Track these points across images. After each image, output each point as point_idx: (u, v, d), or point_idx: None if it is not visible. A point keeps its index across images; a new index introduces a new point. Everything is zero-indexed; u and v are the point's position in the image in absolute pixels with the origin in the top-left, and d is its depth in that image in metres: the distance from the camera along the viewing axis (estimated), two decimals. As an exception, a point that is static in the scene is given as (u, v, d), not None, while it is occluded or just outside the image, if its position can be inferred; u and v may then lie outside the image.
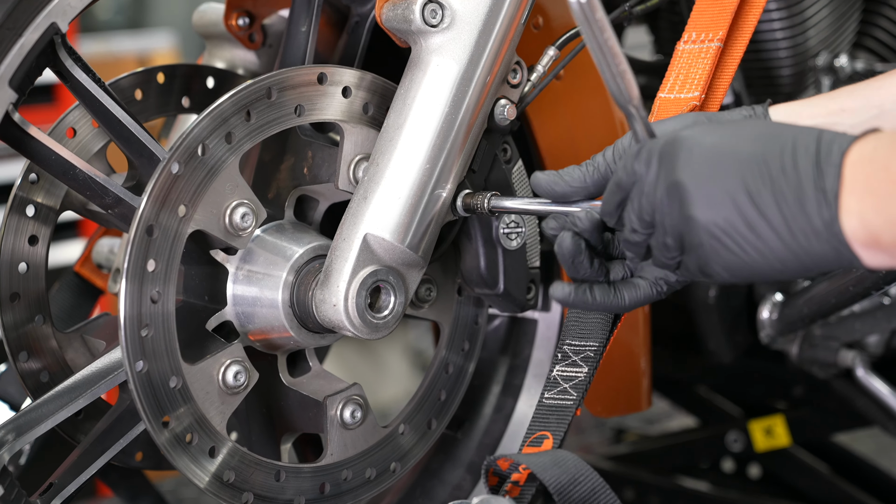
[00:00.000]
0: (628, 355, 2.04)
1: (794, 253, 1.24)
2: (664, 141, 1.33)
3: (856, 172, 1.20)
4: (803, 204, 1.22)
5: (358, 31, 1.82)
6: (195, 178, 1.55)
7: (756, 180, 1.24)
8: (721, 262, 1.29)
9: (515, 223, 1.76)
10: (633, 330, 2.03)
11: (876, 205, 1.18)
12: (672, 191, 1.30)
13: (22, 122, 1.53)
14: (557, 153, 1.92)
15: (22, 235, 1.75)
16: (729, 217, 1.26)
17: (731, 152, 1.27)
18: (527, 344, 2.02)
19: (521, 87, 1.72)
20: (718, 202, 1.26)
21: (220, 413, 1.60)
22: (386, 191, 1.61)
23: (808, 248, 1.23)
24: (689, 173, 1.28)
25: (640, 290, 1.49)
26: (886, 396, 2.40)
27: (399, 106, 1.64)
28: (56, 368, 1.77)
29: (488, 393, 2.02)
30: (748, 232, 1.25)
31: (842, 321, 2.32)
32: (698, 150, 1.29)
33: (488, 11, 1.64)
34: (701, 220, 1.27)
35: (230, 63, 2.02)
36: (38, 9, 1.48)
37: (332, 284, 1.59)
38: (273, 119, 1.61)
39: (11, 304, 1.73)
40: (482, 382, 2.02)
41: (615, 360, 1.99)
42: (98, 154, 1.79)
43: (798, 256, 1.24)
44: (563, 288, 1.49)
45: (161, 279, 1.53)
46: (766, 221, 1.24)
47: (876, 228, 1.18)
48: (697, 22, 1.72)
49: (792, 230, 1.23)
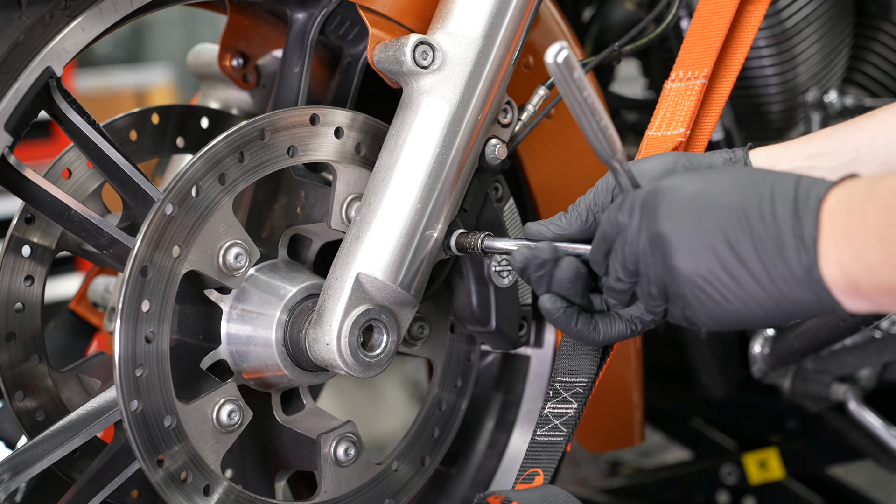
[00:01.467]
0: (621, 390, 2.05)
1: (776, 300, 1.25)
2: (646, 192, 1.34)
3: (833, 219, 1.21)
4: (783, 251, 1.23)
5: (350, 72, 1.84)
6: (189, 219, 1.56)
7: (736, 229, 1.26)
8: (705, 312, 1.31)
9: (507, 261, 1.77)
10: (626, 364, 2.04)
11: (853, 252, 1.19)
12: (654, 241, 1.32)
13: (17, 165, 1.54)
14: (548, 191, 1.94)
15: (18, 275, 1.76)
16: (710, 266, 1.27)
17: (711, 202, 1.28)
18: (520, 380, 2.03)
19: (512, 127, 1.74)
20: (700, 252, 1.28)
21: (214, 451, 1.61)
22: (378, 230, 1.62)
23: (789, 295, 1.24)
24: (670, 224, 1.30)
25: (615, 326, 1.51)
26: (879, 429, 2.41)
27: (391, 146, 1.65)
28: (52, 407, 1.78)
29: (482, 428, 2.04)
30: (730, 281, 1.27)
31: (833, 355, 2.34)
32: (678, 201, 1.30)
33: (479, 52, 1.66)
34: (683, 271, 1.29)
35: (224, 103, 2.04)
36: (33, 53, 1.49)
37: (325, 323, 1.61)
38: (266, 160, 1.62)
39: (7, 343, 1.74)
40: (476, 418, 2.03)
41: (608, 395, 2.01)
42: (93, 194, 1.81)
43: (779, 303, 1.25)
44: (555, 302, 1.50)
45: (155, 319, 1.54)
46: (746, 270, 1.26)
47: (854, 275, 1.20)
48: (685, 60, 1.74)
49: (772, 277, 1.24)
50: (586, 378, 1.60)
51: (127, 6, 1.57)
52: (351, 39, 1.81)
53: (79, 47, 1.54)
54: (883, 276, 1.18)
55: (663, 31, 1.85)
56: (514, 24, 1.68)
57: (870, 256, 1.18)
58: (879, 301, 1.21)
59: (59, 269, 1.86)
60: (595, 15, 2.57)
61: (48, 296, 1.80)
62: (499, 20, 1.67)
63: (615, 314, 1.51)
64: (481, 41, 1.66)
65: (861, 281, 1.20)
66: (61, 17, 1.51)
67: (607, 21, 2.51)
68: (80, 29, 1.53)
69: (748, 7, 1.78)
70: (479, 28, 1.66)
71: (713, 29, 1.73)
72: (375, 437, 4.26)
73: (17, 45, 1.47)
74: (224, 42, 1.94)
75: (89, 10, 1.53)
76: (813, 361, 2.36)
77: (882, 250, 1.17)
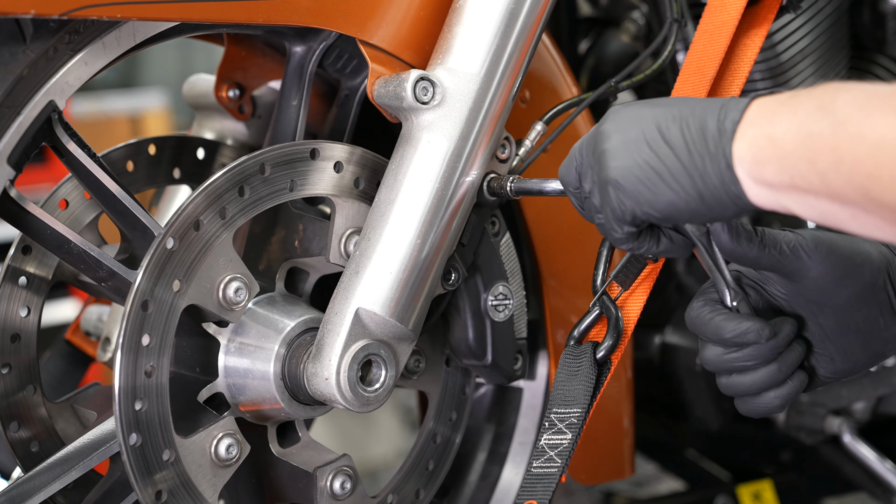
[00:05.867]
0: (611, 423, 2.06)
1: (694, 182, 1.31)
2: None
3: (762, 108, 1.28)
4: (704, 131, 1.30)
5: (348, 105, 1.84)
6: (190, 253, 1.56)
7: (668, 120, 1.34)
8: (640, 197, 1.36)
9: (504, 296, 1.78)
10: (617, 397, 2.05)
11: (771, 133, 1.25)
12: (595, 139, 1.41)
13: (19, 198, 1.54)
14: (544, 224, 1.94)
15: (14, 305, 1.76)
16: (643, 151, 1.35)
17: (649, 109, 1.38)
18: (512, 412, 2.03)
19: (510, 162, 1.75)
20: (632, 135, 1.37)
21: (212, 486, 1.61)
22: (377, 265, 1.63)
23: (702, 172, 1.30)
24: (612, 124, 1.39)
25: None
26: (873, 462, 2.42)
27: (390, 181, 1.66)
28: (46, 438, 1.78)
29: (474, 460, 2.04)
30: (659, 163, 1.34)
31: (828, 388, 2.34)
32: (620, 113, 1.40)
33: (478, 89, 1.66)
34: (620, 158, 1.37)
35: (220, 134, 2.04)
36: (36, 87, 1.50)
37: (325, 358, 1.61)
38: (266, 194, 1.63)
39: (2, 374, 1.74)
40: (468, 450, 2.03)
41: (598, 427, 2.01)
42: (90, 225, 1.81)
43: (694, 181, 1.31)
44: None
45: (155, 353, 1.54)
46: (672, 150, 1.33)
47: (763, 155, 1.25)
48: (680, 93, 1.75)
49: (692, 153, 1.31)
50: (580, 408, 1.61)
51: (130, 40, 1.57)
52: (349, 73, 1.82)
53: (81, 81, 1.54)
54: (791, 164, 1.22)
55: (660, 66, 1.86)
56: (513, 59, 1.69)
57: (786, 142, 1.22)
58: (778, 193, 1.26)
59: (52, 294, 1.85)
60: (591, 47, 2.59)
61: (43, 321, 1.80)
62: (498, 56, 1.68)
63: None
64: (481, 77, 1.67)
65: (768, 163, 1.24)
66: (65, 50, 1.51)
67: (603, 53, 2.53)
68: (84, 63, 1.54)
69: (744, 40, 1.79)
70: (478, 64, 1.67)
71: (708, 61, 1.74)
72: (368, 464, 4.25)
73: (21, 79, 1.47)
74: (221, 73, 1.95)
75: (93, 43, 1.54)
76: (808, 394, 2.36)
77: (799, 139, 1.21)
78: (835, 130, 1.19)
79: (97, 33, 1.54)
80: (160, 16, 1.52)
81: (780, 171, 1.23)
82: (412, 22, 1.72)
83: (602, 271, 1.63)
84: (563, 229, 1.94)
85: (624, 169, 1.36)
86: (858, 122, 1.17)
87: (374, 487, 1.81)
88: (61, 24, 1.50)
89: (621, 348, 1.63)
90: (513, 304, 1.79)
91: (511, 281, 1.81)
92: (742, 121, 1.28)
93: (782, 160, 1.23)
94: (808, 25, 2.14)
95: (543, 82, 1.93)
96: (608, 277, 1.63)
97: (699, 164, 1.30)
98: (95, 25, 1.53)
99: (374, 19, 1.69)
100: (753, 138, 1.26)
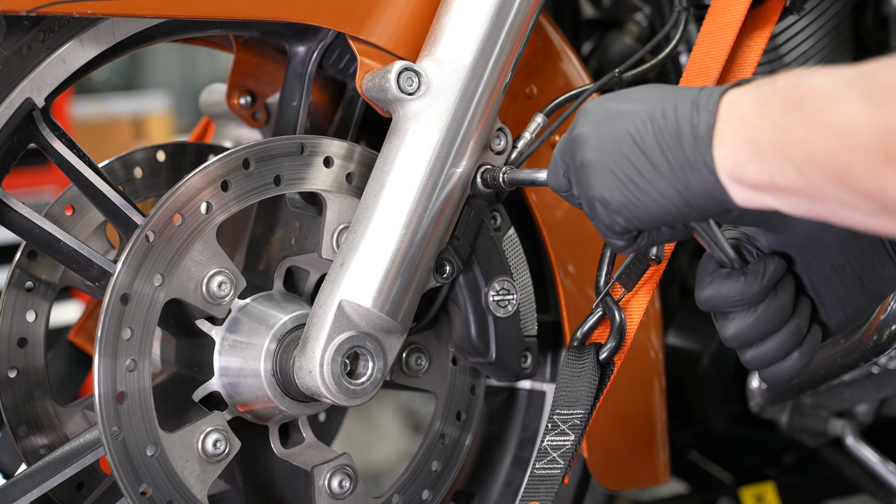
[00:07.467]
0: (644, 425, 2.01)
1: (677, 189, 1.29)
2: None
3: (733, 108, 1.25)
4: (680, 138, 1.27)
5: (353, 105, 1.84)
6: (171, 247, 1.56)
7: (639, 126, 1.31)
8: (619, 206, 1.34)
9: (506, 290, 1.75)
10: (649, 397, 2.00)
11: (747, 135, 1.22)
12: (573, 143, 1.38)
13: (4, 196, 1.56)
14: (553, 217, 1.90)
15: (21, 310, 1.78)
16: (617, 160, 1.33)
17: (621, 109, 1.35)
18: (535, 416, 2.00)
19: (506, 154, 1.72)
20: (608, 149, 1.33)
21: (200, 481, 1.60)
22: (362, 258, 1.61)
23: (685, 182, 1.28)
24: (585, 128, 1.36)
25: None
26: (876, 465, 2.41)
27: (377, 173, 1.65)
28: (56, 442, 1.79)
29: (498, 466, 2.00)
30: (635, 173, 1.31)
31: (831, 390, 2.33)
32: (592, 113, 1.37)
33: (466, 78, 1.65)
34: (594, 166, 1.35)
35: (237, 141, 2.05)
36: (11, 85, 1.51)
37: (309, 351, 1.60)
38: (251, 189, 1.62)
39: (10, 378, 1.76)
40: (492, 456, 2.00)
41: (629, 430, 1.97)
42: (97, 231, 1.83)
43: (681, 193, 1.29)
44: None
45: (136, 347, 1.54)
46: (648, 160, 1.30)
47: (743, 158, 1.22)
48: None
49: (671, 163, 1.28)
50: (583, 409, 1.58)
51: (110, 38, 1.58)
52: (352, 73, 1.82)
53: (60, 79, 1.55)
54: (769, 163, 1.19)
55: (668, 54, 1.83)
56: (505, 50, 1.67)
57: (762, 141, 1.20)
58: (762, 194, 1.23)
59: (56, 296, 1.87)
60: (594, 49, 2.59)
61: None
62: (488, 46, 1.66)
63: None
64: (469, 67, 1.65)
65: (748, 165, 1.22)
66: (40, 48, 1.52)
67: (606, 55, 2.54)
68: (62, 61, 1.55)
69: (747, 42, 1.76)
70: (466, 54, 1.65)
71: (712, 62, 1.72)
72: (370, 467, 4.23)
73: (-7, 77, 1.49)
74: (232, 81, 1.96)
75: (70, 41, 1.55)
76: (811, 396, 2.36)
77: (773, 136, 1.19)
78: (804, 122, 1.17)
79: (74, 31, 1.55)
80: (135, 11, 1.52)
81: (760, 171, 1.21)
82: (406, 18, 1.71)
83: (605, 273, 1.61)
84: (571, 218, 1.91)
85: (608, 187, 1.34)
86: (826, 112, 1.15)
87: (376, 490, 1.79)
88: (34, 22, 1.52)
89: (624, 349, 1.60)
90: (516, 299, 1.76)
91: (515, 276, 1.77)
92: (716, 123, 1.25)
93: (761, 159, 1.21)
94: (811, 27, 2.11)
95: (550, 78, 1.90)
96: (611, 279, 1.61)
97: (681, 176, 1.28)
98: (72, 23, 1.55)
99: (365, 15, 1.68)
100: (732, 142, 1.24)
